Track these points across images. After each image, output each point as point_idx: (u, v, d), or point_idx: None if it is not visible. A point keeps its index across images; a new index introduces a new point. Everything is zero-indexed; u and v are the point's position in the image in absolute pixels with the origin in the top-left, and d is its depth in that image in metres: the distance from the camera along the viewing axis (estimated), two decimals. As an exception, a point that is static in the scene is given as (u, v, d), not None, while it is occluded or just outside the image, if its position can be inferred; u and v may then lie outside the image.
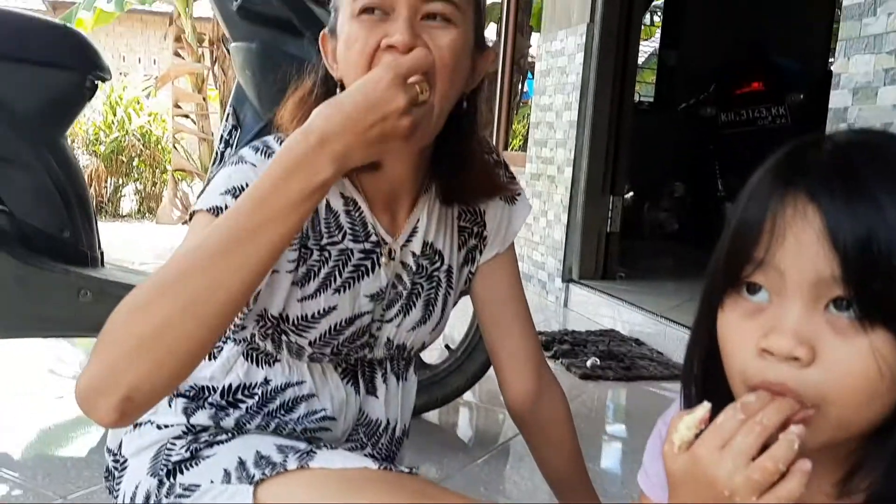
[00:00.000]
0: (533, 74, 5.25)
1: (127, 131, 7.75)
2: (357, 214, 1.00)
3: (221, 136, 2.06)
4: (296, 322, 0.98)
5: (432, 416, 2.18)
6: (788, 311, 0.56)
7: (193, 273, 0.75)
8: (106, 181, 7.70)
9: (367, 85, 0.78)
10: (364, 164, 0.79)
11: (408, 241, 1.04)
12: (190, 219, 0.92)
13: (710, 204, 5.58)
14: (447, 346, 2.21)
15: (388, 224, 1.02)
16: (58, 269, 1.82)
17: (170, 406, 1.03)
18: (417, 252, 1.05)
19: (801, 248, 0.55)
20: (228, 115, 2.05)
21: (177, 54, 7.45)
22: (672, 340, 3.03)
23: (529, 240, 4.35)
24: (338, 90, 0.92)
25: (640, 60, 7.62)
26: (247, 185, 0.87)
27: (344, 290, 1.00)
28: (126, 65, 15.22)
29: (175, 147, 7.36)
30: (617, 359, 2.85)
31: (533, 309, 1.19)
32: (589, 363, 2.75)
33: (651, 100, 6.95)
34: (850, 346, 0.54)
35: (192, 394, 1.05)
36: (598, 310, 3.60)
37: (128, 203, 7.96)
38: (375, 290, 1.02)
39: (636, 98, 6.59)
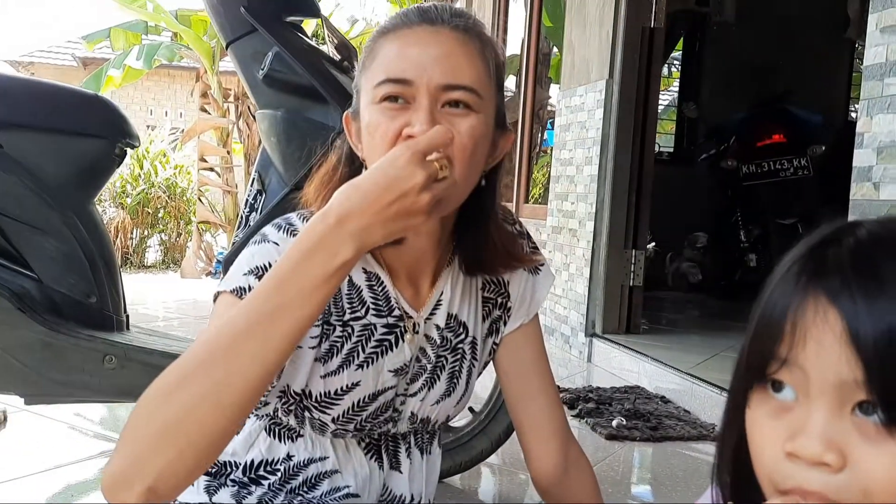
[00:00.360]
0: (552, 125, 5.30)
1: (153, 184, 7.88)
2: (380, 289, 1.00)
3: (246, 200, 2.09)
4: (318, 398, 0.98)
5: (454, 479, 2.15)
6: (815, 414, 0.55)
7: (213, 361, 0.75)
8: (132, 233, 7.81)
9: (385, 163, 0.78)
10: (386, 242, 0.79)
11: (432, 313, 1.04)
12: (214, 300, 0.92)
13: (733, 254, 5.54)
14: (471, 409, 2.19)
15: (412, 297, 1.03)
16: (84, 336, 1.83)
17: (192, 485, 1.03)
18: (442, 325, 1.05)
19: (822, 351, 0.54)
20: (253, 180, 2.09)
21: (203, 109, 7.61)
22: (699, 398, 2.98)
23: (552, 293, 4.33)
24: (362, 169, 0.94)
25: (660, 109, 7.67)
26: (270, 265, 0.88)
27: (367, 366, 0.99)
28: (153, 118, 15.56)
29: (200, 200, 7.47)
30: (643, 418, 2.81)
31: (556, 363, 1.18)
32: (615, 423, 2.71)
33: (671, 150, 6.96)
34: (879, 452, 0.53)
35: (214, 470, 1.04)
36: (623, 365, 3.56)
37: (153, 254, 8.06)
38: (399, 364, 1.02)
39: (657, 149, 6.61)
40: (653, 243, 5.62)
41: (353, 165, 0.98)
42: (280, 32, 1.99)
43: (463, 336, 1.08)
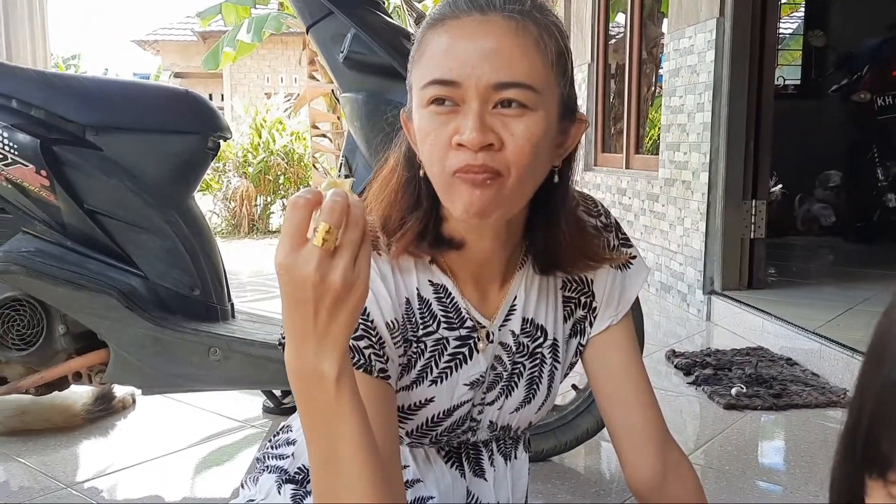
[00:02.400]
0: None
1: (272, 151, 8.12)
2: (449, 300, 0.96)
3: (336, 185, 2.08)
4: None
5: (559, 458, 2.11)
6: None
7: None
8: (255, 200, 8.12)
9: (278, 276, 0.69)
10: (349, 332, 0.71)
11: (506, 319, 0.99)
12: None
13: (869, 193, 5.12)
14: (574, 386, 2.13)
15: (480, 302, 0.98)
16: (189, 330, 1.90)
17: (279, 493, 1.04)
18: (517, 331, 1.00)
19: None
20: (341, 164, 2.08)
21: (311, 77, 7.73)
22: (829, 360, 2.78)
23: (666, 248, 4.15)
24: (420, 172, 0.89)
25: (783, 39, 7.12)
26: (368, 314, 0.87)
27: (441, 381, 0.96)
28: (270, 85, 16.03)
29: (314, 166, 7.64)
30: (766, 384, 2.65)
31: (674, 322, 1.10)
32: (734, 391, 2.57)
33: (797, 82, 6.46)
34: None
35: (300, 478, 1.05)
36: (744, 324, 3.37)
37: (276, 219, 8.37)
38: (474, 376, 0.98)
39: (781, 82, 6.16)
40: (779, 185, 5.29)
41: (413, 169, 0.92)
42: (357, 13, 1.95)
43: (541, 340, 1.02)
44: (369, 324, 0.87)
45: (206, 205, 8.11)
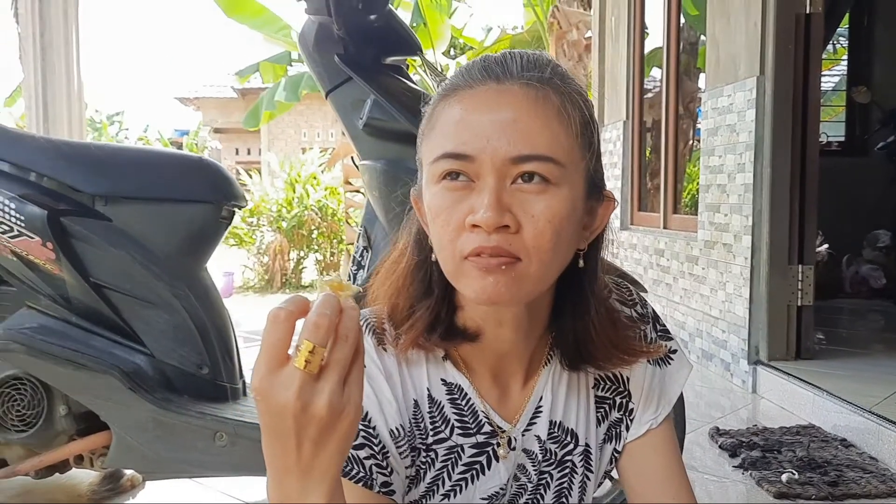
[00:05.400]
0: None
1: (306, 206, 8.14)
2: (464, 402, 0.85)
3: (353, 257, 1.98)
4: None
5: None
6: None
7: None
8: (289, 255, 8.11)
9: (257, 404, 0.61)
10: (339, 463, 0.62)
11: (530, 423, 0.88)
12: None
13: (922, 254, 4.89)
14: (609, 476, 1.95)
15: (499, 403, 0.87)
16: (194, 413, 1.78)
17: None
18: (544, 436, 0.88)
19: None
20: (359, 235, 1.98)
21: (344, 134, 7.77)
22: (888, 443, 2.56)
23: (707, 314, 3.95)
24: (431, 256, 0.79)
25: (824, 93, 6.96)
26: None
27: (454, 495, 0.85)
28: (306, 140, 16.26)
29: (347, 222, 7.63)
30: (820, 469, 2.44)
31: (718, 393, 0.95)
32: (784, 478, 2.36)
33: (841, 139, 6.28)
34: None
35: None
36: (794, 398, 3.15)
37: (309, 274, 8.34)
38: (493, 489, 0.86)
39: (824, 139, 6.00)
40: (825, 245, 5.08)
41: (423, 252, 0.82)
42: (376, 78, 1.88)
43: (571, 447, 0.91)
44: (371, 430, 0.78)
45: (239, 259, 8.14)
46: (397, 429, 0.80)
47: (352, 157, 2.11)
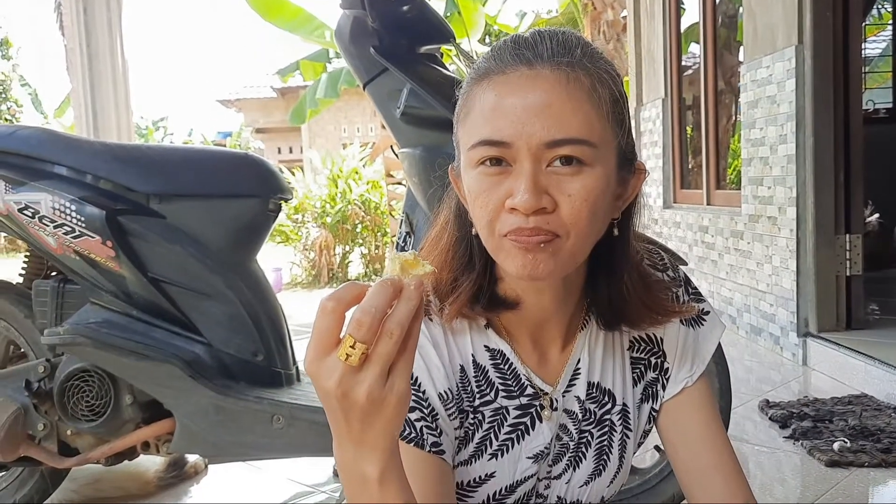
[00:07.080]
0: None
1: (349, 201, 8.23)
2: (507, 367, 0.90)
3: (396, 243, 2.03)
4: None
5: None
6: None
7: None
8: (334, 249, 8.22)
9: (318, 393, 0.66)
10: (391, 437, 0.66)
11: (570, 385, 0.92)
12: None
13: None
14: (657, 448, 1.98)
15: (540, 367, 0.91)
16: (252, 398, 1.86)
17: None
18: (583, 396, 0.93)
19: None
20: (402, 221, 2.03)
21: (384, 126, 7.83)
22: (943, 409, 2.53)
23: (755, 289, 3.92)
24: (472, 230, 0.84)
25: (870, 60, 6.79)
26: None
27: (502, 455, 0.89)
28: (346, 135, 16.40)
29: (391, 214, 7.70)
30: (872, 437, 2.42)
31: (767, 367, 0.98)
32: (836, 446, 2.35)
33: (888, 105, 6.12)
34: None
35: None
36: (845, 368, 3.12)
37: (355, 267, 8.44)
38: (538, 448, 0.91)
39: (870, 106, 5.86)
40: (875, 215, 4.98)
41: (465, 227, 0.87)
42: (412, 67, 1.92)
43: (609, 406, 0.95)
44: (421, 395, 0.83)
45: (286, 256, 8.28)
46: (445, 392, 0.84)
47: (391, 148, 2.15)
